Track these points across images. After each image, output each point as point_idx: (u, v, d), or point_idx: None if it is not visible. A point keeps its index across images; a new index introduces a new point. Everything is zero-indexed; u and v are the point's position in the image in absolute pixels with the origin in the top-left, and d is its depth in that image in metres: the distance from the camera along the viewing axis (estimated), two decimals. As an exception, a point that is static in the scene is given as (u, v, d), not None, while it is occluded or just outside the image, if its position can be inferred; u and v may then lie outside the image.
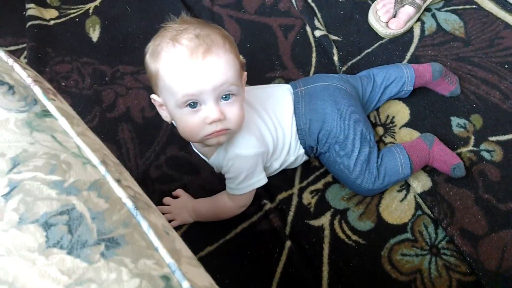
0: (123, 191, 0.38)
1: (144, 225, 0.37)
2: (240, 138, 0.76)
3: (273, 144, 0.81)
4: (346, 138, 0.83)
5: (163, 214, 0.87)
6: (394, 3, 1.09)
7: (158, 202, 0.88)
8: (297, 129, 0.84)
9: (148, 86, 1.04)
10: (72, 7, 1.18)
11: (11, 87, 0.43)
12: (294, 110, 0.84)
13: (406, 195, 0.90)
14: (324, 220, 0.87)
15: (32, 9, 1.15)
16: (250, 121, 0.77)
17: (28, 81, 0.45)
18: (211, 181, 0.91)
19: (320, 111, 0.83)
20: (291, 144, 0.85)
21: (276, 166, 0.85)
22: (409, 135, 0.96)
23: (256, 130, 0.78)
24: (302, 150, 0.86)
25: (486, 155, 0.94)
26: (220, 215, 0.85)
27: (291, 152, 0.86)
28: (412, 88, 0.97)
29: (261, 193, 0.88)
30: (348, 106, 0.85)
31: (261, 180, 0.80)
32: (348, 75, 0.95)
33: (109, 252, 0.33)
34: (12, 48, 1.12)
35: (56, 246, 0.33)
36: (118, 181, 0.39)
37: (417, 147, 0.89)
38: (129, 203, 0.38)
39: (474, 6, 1.15)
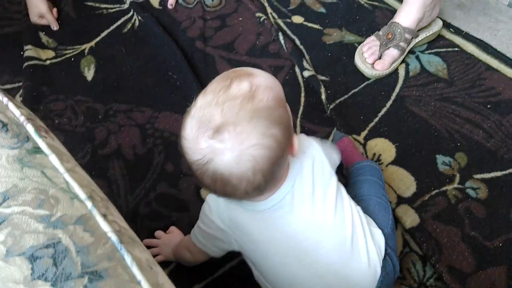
0: (108, 225, 0.39)
1: (128, 259, 0.38)
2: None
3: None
4: None
5: (151, 247, 0.86)
6: (379, 45, 1.14)
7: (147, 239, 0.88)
8: None
9: (140, 123, 1.06)
10: (69, 47, 1.22)
11: (4, 125, 0.44)
12: None
13: (393, 232, 0.91)
14: (312, 257, 0.87)
15: (29, 50, 1.18)
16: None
17: (22, 119, 0.46)
18: (200, 218, 0.91)
19: None
20: None
21: None
22: (395, 172, 0.98)
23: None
24: None
25: (471, 192, 0.96)
26: (179, 255, 0.82)
27: None
28: None
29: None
30: None
31: (208, 251, 0.75)
32: None
33: (92, 285, 0.34)
34: (8, 86, 1.14)
35: (41, 278, 0.33)
36: (104, 216, 0.40)
37: None
38: (113, 237, 0.39)
39: (456, 49, 1.20)
